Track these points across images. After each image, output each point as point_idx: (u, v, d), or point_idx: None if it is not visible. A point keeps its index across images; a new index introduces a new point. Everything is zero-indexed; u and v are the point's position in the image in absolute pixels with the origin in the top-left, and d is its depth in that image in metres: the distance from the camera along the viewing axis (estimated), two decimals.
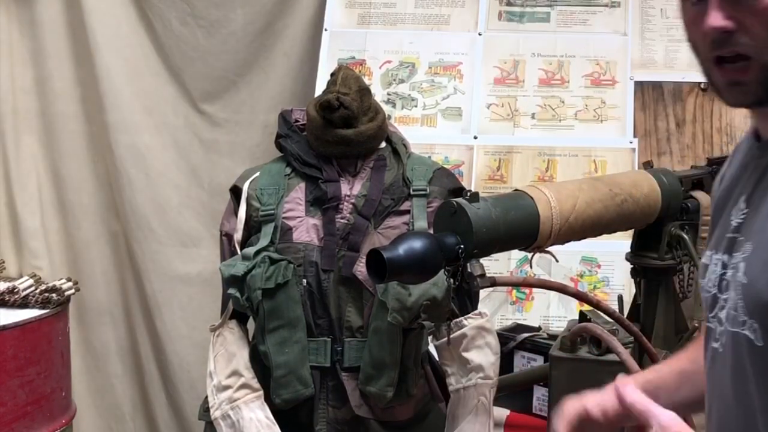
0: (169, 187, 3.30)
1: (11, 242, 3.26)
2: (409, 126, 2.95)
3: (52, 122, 3.26)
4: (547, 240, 1.77)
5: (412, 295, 1.80)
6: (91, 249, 3.32)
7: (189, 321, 3.30)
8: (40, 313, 2.62)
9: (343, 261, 1.87)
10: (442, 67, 3.05)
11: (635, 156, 2.85)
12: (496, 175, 2.91)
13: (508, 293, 2.80)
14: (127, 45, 3.25)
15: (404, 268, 1.52)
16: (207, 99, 3.33)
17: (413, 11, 3.13)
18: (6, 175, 3.25)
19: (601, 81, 2.97)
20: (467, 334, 1.96)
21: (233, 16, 3.27)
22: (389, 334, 1.84)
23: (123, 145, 3.23)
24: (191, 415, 3.21)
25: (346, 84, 1.91)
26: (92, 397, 3.36)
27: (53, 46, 3.22)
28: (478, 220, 1.59)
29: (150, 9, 3.26)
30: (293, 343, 1.86)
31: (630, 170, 2.71)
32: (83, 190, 3.30)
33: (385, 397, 1.87)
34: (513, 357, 2.44)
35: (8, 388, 2.50)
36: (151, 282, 3.28)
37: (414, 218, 1.91)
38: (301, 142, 1.97)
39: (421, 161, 2.02)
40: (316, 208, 1.91)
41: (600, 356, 2.07)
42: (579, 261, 2.77)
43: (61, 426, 2.70)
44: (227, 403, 1.88)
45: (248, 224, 1.94)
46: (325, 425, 1.90)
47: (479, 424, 1.92)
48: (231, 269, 1.86)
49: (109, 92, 3.20)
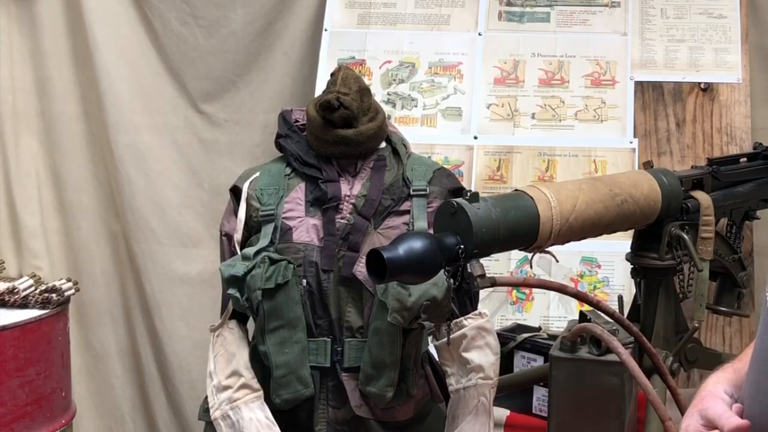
0: (169, 188, 3.30)
1: (11, 242, 3.26)
2: (409, 126, 2.95)
3: (52, 122, 3.26)
4: (547, 240, 1.77)
5: (412, 296, 1.80)
6: (91, 249, 3.31)
7: (189, 321, 3.29)
8: (40, 313, 2.62)
9: (343, 261, 1.87)
10: (442, 67, 3.05)
11: (635, 156, 2.85)
12: (496, 175, 2.91)
13: (508, 293, 2.80)
14: (127, 45, 3.25)
15: (404, 268, 1.52)
16: (207, 99, 3.33)
17: (413, 11, 3.13)
18: (6, 175, 3.25)
19: (601, 81, 2.97)
20: (467, 335, 1.95)
21: (233, 16, 3.27)
22: (389, 335, 1.84)
23: (123, 145, 3.23)
24: (191, 415, 3.21)
25: (346, 84, 1.91)
26: (92, 397, 3.36)
27: (53, 46, 3.22)
28: (478, 221, 1.59)
29: (150, 9, 3.26)
30: (293, 343, 1.86)
31: (630, 170, 2.71)
32: (83, 190, 3.30)
33: (385, 398, 1.87)
34: (513, 357, 2.43)
35: (8, 388, 2.50)
36: (150, 282, 3.28)
37: (414, 218, 1.91)
38: (301, 142, 1.97)
39: (421, 161, 2.02)
40: (316, 209, 1.91)
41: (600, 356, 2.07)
42: (579, 261, 2.77)
43: (61, 426, 2.70)
44: (227, 404, 1.88)
45: (248, 224, 1.94)
46: (325, 425, 1.90)
47: (479, 425, 1.92)
48: (231, 269, 1.86)
49: (109, 92, 3.20)
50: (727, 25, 2.96)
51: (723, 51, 2.94)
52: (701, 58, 2.94)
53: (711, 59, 2.93)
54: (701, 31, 2.97)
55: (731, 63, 2.91)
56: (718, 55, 2.93)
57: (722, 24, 2.97)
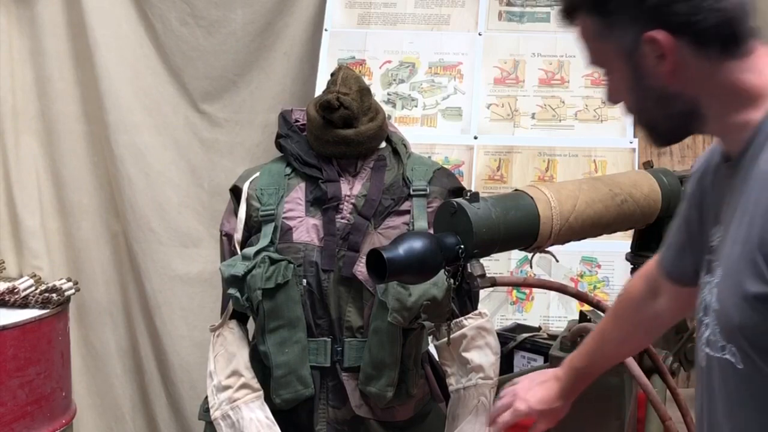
0: (169, 187, 3.31)
1: (11, 242, 3.26)
2: (409, 126, 2.95)
3: (52, 122, 3.26)
4: (548, 240, 1.77)
5: (412, 295, 1.80)
6: (91, 249, 3.32)
7: (189, 321, 3.30)
8: (40, 313, 2.62)
9: (343, 261, 1.87)
10: (442, 67, 3.06)
11: (635, 156, 2.85)
12: (496, 175, 2.91)
13: (508, 293, 2.80)
14: (127, 45, 3.25)
15: (404, 268, 1.52)
16: (207, 99, 3.33)
17: (413, 11, 3.14)
18: (6, 175, 3.25)
19: (601, 81, 2.96)
20: (467, 335, 1.95)
21: (233, 16, 3.27)
22: (389, 334, 1.84)
23: (123, 145, 3.23)
24: (191, 415, 3.21)
25: (346, 84, 1.91)
26: (92, 397, 3.36)
27: (53, 46, 3.23)
28: (478, 220, 1.59)
29: (150, 9, 3.27)
30: (293, 343, 1.86)
31: (630, 170, 2.71)
32: (83, 190, 3.30)
33: (385, 397, 1.87)
34: (513, 357, 2.44)
35: (8, 388, 2.50)
36: (151, 282, 3.28)
37: (414, 218, 1.90)
38: (301, 142, 1.97)
39: (421, 161, 2.02)
40: (316, 208, 1.91)
41: None
42: (579, 261, 2.77)
43: (61, 426, 2.70)
44: (227, 403, 1.88)
45: (248, 224, 1.94)
46: (325, 425, 1.90)
47: (479, 424, 1.92)
48: (231, 269, 1.86)
49: (109, 92, 3.21)
50: None
51: None
52: None
53: None
54: None
55: None
56: None
57: None
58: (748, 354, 1.06)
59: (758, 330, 1.04)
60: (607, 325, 1.57)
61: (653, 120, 1.18)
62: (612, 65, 1.18)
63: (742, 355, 1.07)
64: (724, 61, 1.09)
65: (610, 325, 1.57)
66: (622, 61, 1.15)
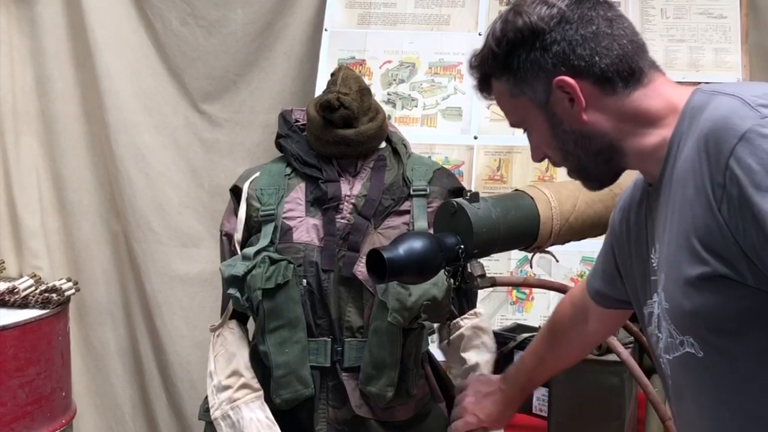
0: (169, 187, 3.31)
1: (11, 242, 3.26)
2: (409, 126, 2.95)
3: (52, 122, 3.26)
4: (548, 240, 1.77)
5: (412, 295, 1.80)
6: (91, 249, 3.32)
7: (189, 321, 3.30)
8: (40, 313, 2.62)
9: (343, 261, 1.87)
10: (442, 67, 3.05)
11: None
12: (496, 175, 2.91)
13: (508, 293, 2.80)
14: (127, 45, 3.25)
15: (404, 268, 1.52)
16: (207, 99, 3.33)
17: (413, 11, 3.14)
18: (6, 175, 3.25)
19: None
20: (465, 335, 1.97)
21: (233, 16, 3.27)
22: (389, 334, 1.84)
23: (123, 145, 3.23)
24: (191, 415, 3.21)
25: (346, 84, 1.91)
26: (92, 397, 3.36)
27: (53, 46, 3.23)
28: (478, 221, 1.59)
29: (150, 9, 3.27)
30: (293, 343, 1.86)
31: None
32: (83, 190, 3.30)
33: (385, 397, 1.87)
34: (513, 357, 2.43)
35: (8, 388, 2.50)
36: (151, 282, 3.28)
37: (414, 218, 1.90)
38: (301, 142, 1.97)
39: (421, 161, 2.02)
40: (316, 208, 1.91)
41: (600, 356, 2.07)
42: (579, 261, 2.77)
43: (61, 426, 2.70)
44: (227, 403, 1.88)
45: (248, 224, 1.94)
46: (325, 425, 1.90)
47: None
48: (231, 269, 1.86)
49: (109, 92, 3.21)
50: (727, 25, 2.96)
51: (723, 51, 2.94)
52: (701, 58, 2.94)
53: (711, 59, 2.93)
54: (701, 31, 2.97)
55: (731, 63, 2.91)
56: (718, 55, 2.94)
57: (722, 24, 2.97)
58: (706, 339, 1.10)
59: (710, 310, 1.08)
60: (541, 347, 1.68)
61: (580, 162, 1.25)
62: (530, 120, 1.25)
63: (701, 343, 1.11)
64: (629, 93, 1.18)
65: (544, 347, 1.67)
66: (538, 112, 1.22)
